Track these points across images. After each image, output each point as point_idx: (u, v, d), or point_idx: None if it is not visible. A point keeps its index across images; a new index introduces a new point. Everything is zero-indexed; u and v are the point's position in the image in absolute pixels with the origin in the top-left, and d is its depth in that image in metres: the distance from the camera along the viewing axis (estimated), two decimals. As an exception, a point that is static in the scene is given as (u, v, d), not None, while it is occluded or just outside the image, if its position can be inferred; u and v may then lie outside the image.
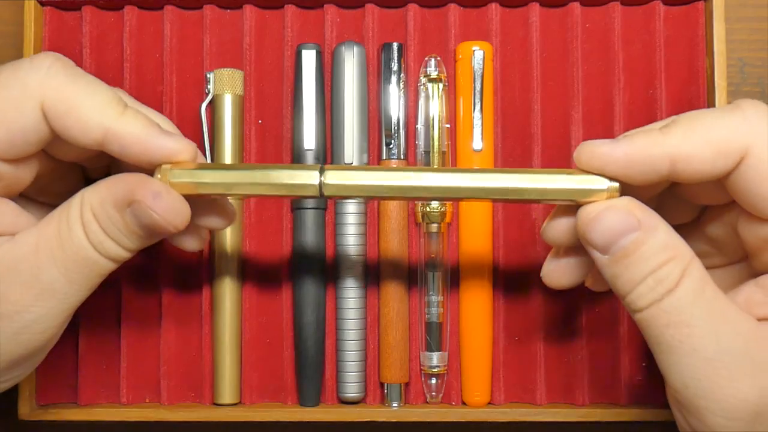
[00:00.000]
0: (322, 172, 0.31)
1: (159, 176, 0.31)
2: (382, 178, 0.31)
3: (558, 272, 0.33)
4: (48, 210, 0.31)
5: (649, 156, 0.28)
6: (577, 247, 0.31)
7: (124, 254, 0.31)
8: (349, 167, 0.31)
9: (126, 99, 0.32)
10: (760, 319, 0.29)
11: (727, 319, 0.28)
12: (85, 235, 0.30)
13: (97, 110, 0.29)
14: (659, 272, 0.28)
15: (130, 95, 0.34)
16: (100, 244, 0.30)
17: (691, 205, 0.33)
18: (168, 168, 0.31)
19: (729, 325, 0.27)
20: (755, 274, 0.30)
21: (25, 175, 0.31)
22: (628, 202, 0.29)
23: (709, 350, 0.27)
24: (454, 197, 0.31)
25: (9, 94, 0.29)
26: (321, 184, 0.30)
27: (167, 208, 0.30)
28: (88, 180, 0.35)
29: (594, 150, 0.29)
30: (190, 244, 0.34)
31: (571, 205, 0.30)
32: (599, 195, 0.29)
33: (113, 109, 0.30)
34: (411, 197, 0.31)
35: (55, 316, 0.30)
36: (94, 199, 0.30)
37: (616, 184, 0.29)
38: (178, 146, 0.30)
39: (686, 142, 0.28)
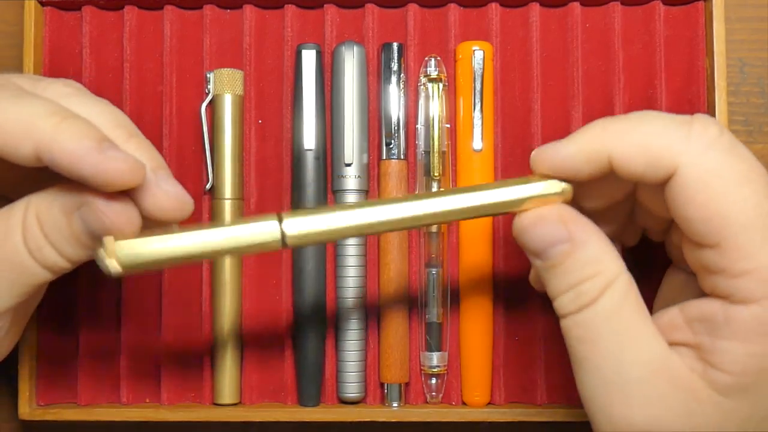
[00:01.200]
0: (280, 220, 0.29)
1: (103, 252, 0.28)
2: (342, 220, 0.29)
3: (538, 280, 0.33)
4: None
5: (589, 151, 0.29)
6: None
7: (63, 264, 0.29)
8: (308, 211, 0.29)
9: (79, 99, 0.30)
10: (674, 343, 0.29)
11: (634, 344, 0.28)
12: (23, 240, 0.29)
13: (24, 124, 0.27)
14: (581, 286, 0.28)
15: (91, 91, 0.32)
16: (38, 251, 0.29)
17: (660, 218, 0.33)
18: (110, 240, 0.28)
19: (634, 351, 0.28)
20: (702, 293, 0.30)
21: None
22: (563, 212, 0.29)
23: (609, 371, 0.28)
24: (417, 225, 0.30)
25: None
26: (283, 235, 0.29)
27: (119, 212, 0.28)
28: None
29: (542, 152, 0.30)
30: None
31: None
32: (553, 198, 0.30)
33: (45, 122, 0.27)
34: (375, 232, 0.30)
35: None
36: (42, 203, 0.29)
37: (567, 186, 0.30)
38: (117, 167, 0.27)
39: (622, 142, 0.28)
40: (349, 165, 0.40)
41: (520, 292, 0.41)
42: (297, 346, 0.40)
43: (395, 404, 0.40)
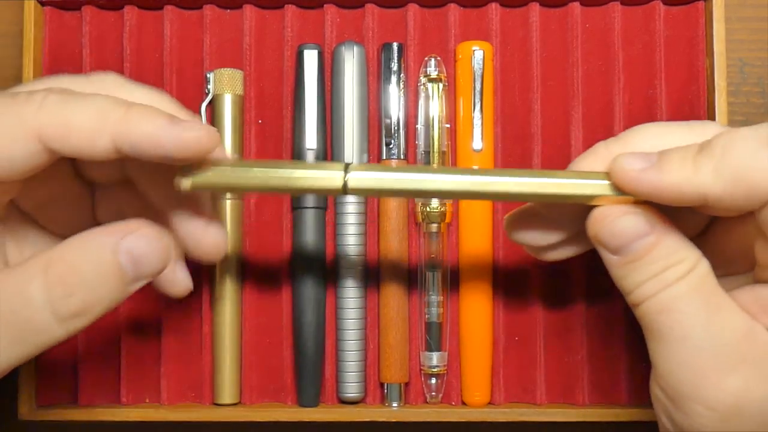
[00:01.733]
0: (346, 170, 0.30)
1: (180, 176, 0.30)
2: (408, 180, 0.30)
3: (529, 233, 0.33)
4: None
5: (680, 192, 0.28)
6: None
7: (88, 315, 0.28)
8: (375, 166, 0.30)
9: (131, 94, 0.31)
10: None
11: (721, 312, 0.28)
12: (44, 292, 0.27)
13: (96, 119, 0.28)
14: (664, 274, 0.28)
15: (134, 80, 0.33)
16: (63, 299, 0.28)
17: (701, 216, 0.32)
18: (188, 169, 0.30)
19: (722, 318, 0.28)
20: (755, 282, 0.30)
21: (14, 190, 0.30)
22: (641, 207, 0.29)
23: (699, 338, 0.28)
24: (475, 197, 0.31)
25: (2, 122, 0.28)
26: (345, 184, 0.30)
27: (162, 235, 0.29)
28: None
29: (628, 174, 0.28)
30: (174, 290, 0.34)
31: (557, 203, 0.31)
32: (625, 200, 0.29)
33: (114, 113, 0.28)
34: (433, 196, 0.31)
35: None
36: (71, 248, 0.28)
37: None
38: (196, 135, 0.28)
39: (718, 181, 0.27)
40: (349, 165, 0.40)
41: (520, 292, 0.41)
42: (297, 346, 0.40)
43: (395, 404, 0.40)
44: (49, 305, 0.27)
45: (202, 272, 0.41)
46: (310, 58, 0.41)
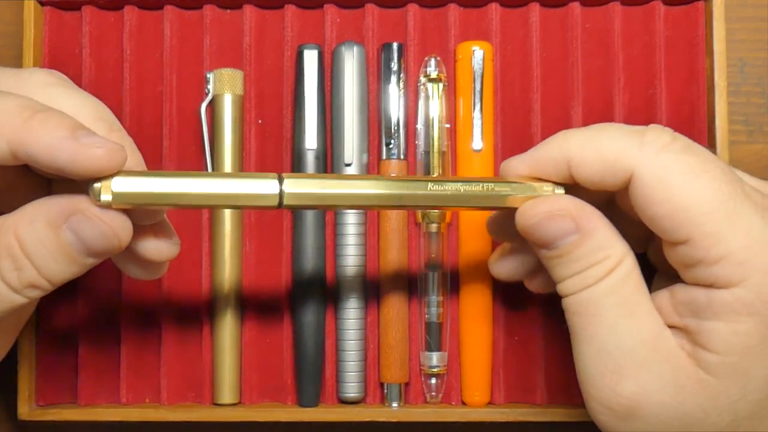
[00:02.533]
0: (281, 180, 0.29)
1: (98, 185, 0.27)
2: (340, 188, 0.30)
3: (503, 266, 0.36)
4: None
5: (551, 158, 0.31)
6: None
7: (42, 285, 0.28)
8: (309, 175, 0.30)
9: (51, 96, 0.29)
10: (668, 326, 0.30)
11: (631, 317, 0.29)
12: None
13: None
14: (587, 271, 0.30)
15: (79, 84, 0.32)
16: (14, 272, 0.27)
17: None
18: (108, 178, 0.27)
19: (631, 323, 0.29)
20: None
21: None
22: (569, 204, 0.30)
23: (604, 341, 0.29)
24: (414, 206, 0.31)
25: None
26: (281, 194, 0.29)
27: (113, 217, 0.28)
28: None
29: (509, 165, 0.32)
30: (138, 272, 0.32)
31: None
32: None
33: (16, 118, 0.27)
34: (371, 207, 0.31)
35: None
36: (20, 222, 0.27)
37: (561, 189, 0.32)
38: (94, 153, 0.27)
39: (581, 151, 0.30)
40: (349, 165, 0.40)
41: (520, 292, 0.41)
42: (297, 346, 0.40)
43: (395, 404, 0.40)
44: (1, 277, 0.27)
45: (202, 272, 0.41)
46: (310, 58, 0.41)
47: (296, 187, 0.29)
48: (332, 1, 0.42)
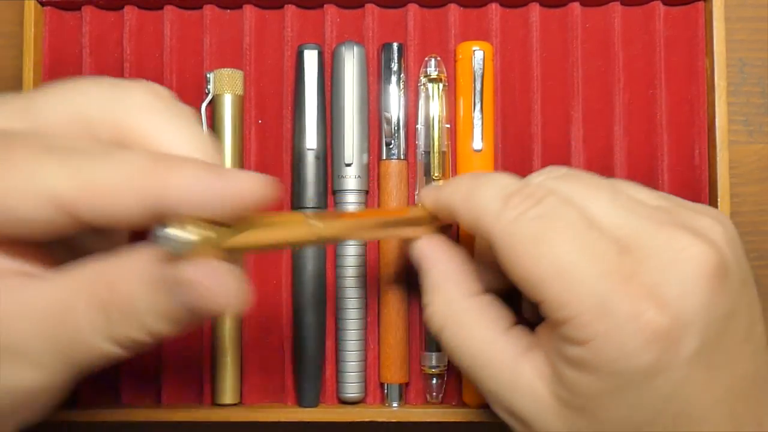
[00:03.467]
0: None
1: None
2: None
3: None
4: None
5: (443, 204, 0.33)
6: None
7: (147, 341, 0.25)
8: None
9: (162, 107, 0.26)
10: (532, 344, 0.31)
11: (487, 365, 0.32)
12: (91, 316, 0.24)
13: (129, 184, 0.23)
14: (426, 309, 0.34)
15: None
16: (111, 327, 0.24)
17: None
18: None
19: (488, 371, 0.31)
20: None
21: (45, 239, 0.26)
22: (426, 241, 0.35)
23: (478, 386, 0.33)
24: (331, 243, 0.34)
25: (14, 179, 0.23)
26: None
27: (228, 282, 0.24)
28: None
29: (420, 194, 0.36)
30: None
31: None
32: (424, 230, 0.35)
33: (152, 175, 0.23)
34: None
35: (24, 389, 0.25)
36: (119, 273, 0.24)
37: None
38: (242, 185, 0.24)
39: (460, 205, 0.32)
40: (349, 165, 0.40)
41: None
42: (297, 347, 0.40)
43: (395, 404, 0.40)
44: (99, 330, 0.25)
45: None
46: (310, 58, 0.41)
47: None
48: (332, 1, 0.42)
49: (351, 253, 0.40)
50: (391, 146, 0.41)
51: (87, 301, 0.24)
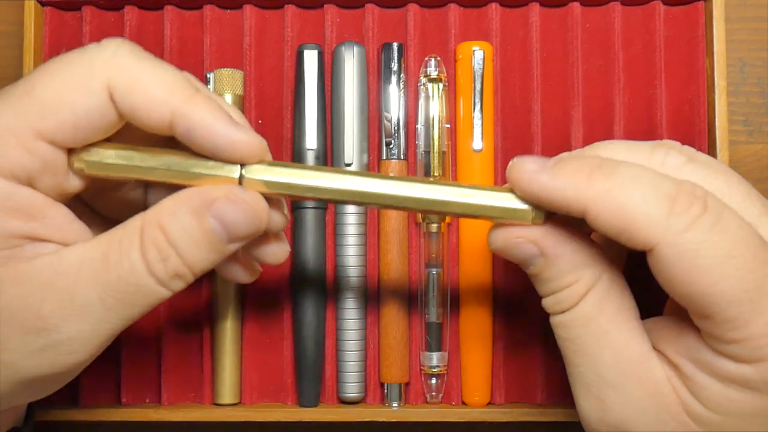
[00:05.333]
0: (242, 166, 0.29)
1: (73, 157, 0.29)
2: (304, 180, 0.30)
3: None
4: (108, 227, 0.30)
5: (567, 197, 0.28)
6: None
7: (188, 276, 0.29)
8: (274, 163, 0.30)
9: (198, 85, 0.31)
10: (660, 352, 0.29)
11: (611, 347, 0.29)
12: (142, 257, 0.28)
13: (165, 90, 0.28)
14: (559, 294, 0.30)
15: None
16: (160, 263, 0.28)
17: None
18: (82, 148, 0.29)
19: (612, 354, 0.29)
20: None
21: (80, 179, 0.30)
22: (529, 231, 0.29)
23: (588, 373, 0.29)
24: (379, 204, 0.30)
25: (75, 74, 0.28)
26: (241, 178, 0.29)
27: (257, 200, 0.29)
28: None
29: (521, 175, 0.29)
30: (243, 275, 0.33)
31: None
32: (522, 221, 0.30)
33: (182, 91, 0.28)
34: (337, 202, 0.31)
35: (86, 340, 0.28)
36: (163, 214, 0.28)
37: (539, 214, 0.29)
38: (246, 138, 0.28)
39: (601, 204, 0.27)
40: (349, 165, 0.40)
41: (520, 292, 0.41)
42: (297, 346, 0.40)
43: (395, 404, 0.40)
44: (149, 270, 0.28)
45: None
46: (310, 58, 0.41)
47: (258, 173, 0.29)
48: (332, 1, 0.42)
49: (351, 253, 0.40)
50: (391, 146, 0.41)
51: (138, 241, 0.28)
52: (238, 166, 0.29)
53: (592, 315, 0.29)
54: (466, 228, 0.40)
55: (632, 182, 0.27)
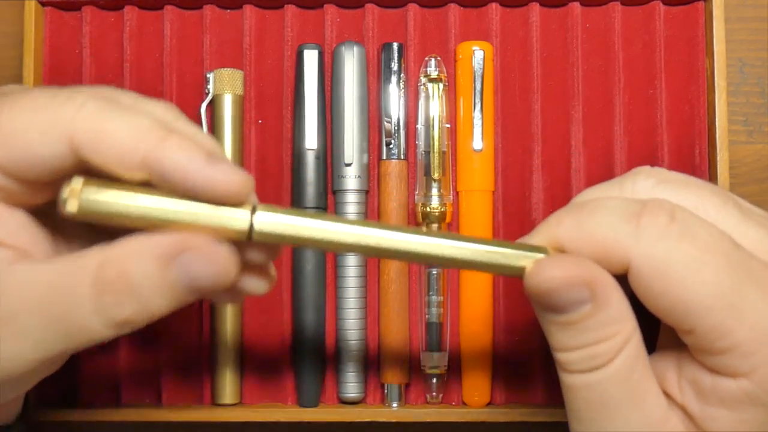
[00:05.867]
0: (253, 211, 0.27)
1: (67, 190, 0.26)
2: (314, 231, 0.27)
3: None
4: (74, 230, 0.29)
5: (548, 242, 0.28)
6: None
7: (139, 323, 0.27)
8: (284, 210, 0.27)
9: (177, 122, 0.29)
10: (667, 395, 0.28)
11: (642, 407, 0.27)
12: (92, 299, 0.26)
13: (134, 137, 0.27)
14: (597, 347, 0.27)
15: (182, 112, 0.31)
16: (113, 308, 0.26)
17: None
18: (79, 182, 0.26)
19: (640, 414, 0.27)
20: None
21: (35, 196, 0.29)
22: (586, 270, 0.27)
23: (609, 429, 0.27)
24: (388, 256, 0.29)
25: (37, 119, 0.27)
26: (251, 227, 0.27)
27: (227, 257, 0.27)
28: None
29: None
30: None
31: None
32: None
33: (153, 135, 0.27)
34: (348, 253, 0.29)
35: (24, 359, 0.27)
36: (125, 256, 0.26)
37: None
38: (225, 177, 0.26)
39: (573, 240, 0.27)
40: (349, 165, 0.40)
41: (520, 292, 0.41)
42: (297, 346, 0.40)
43: (395, 404, 0.40)
44: (98, 311, 0.26)
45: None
46: (310, 58, 0.41)
47: (269, 222, 0.27)
48: (332, 1, 0.42)
49: (351, 253, 0.40)
50: (391, 146, 0.41)
51: (91, 281, 0.26)
52: (248, 214, 0.27)
53: (628, 374, 0.27)
54: (466, 228, 0.40)
55: (598, 209, 0.27)
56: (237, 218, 0.27)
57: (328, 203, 0.41)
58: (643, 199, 0.28)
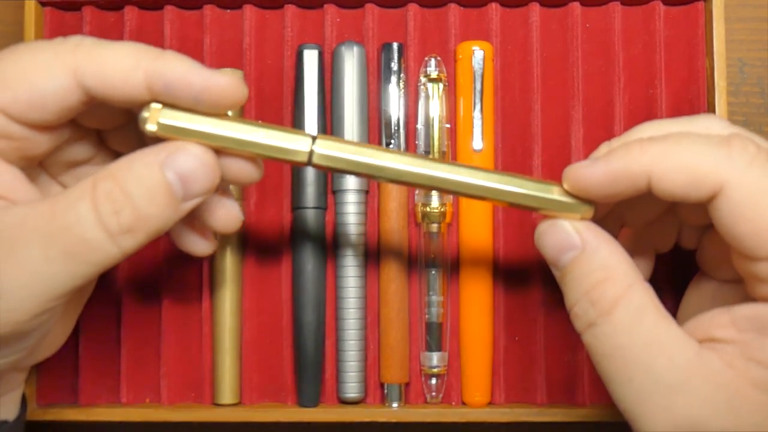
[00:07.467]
0: (314, 140, 0.30)
1: (146, 114, 0.29)
2: (370, 159, 0.30)
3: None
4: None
5: (627, 172, 0.28)
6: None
7: (140, 233, 0.28)
8: (343, 140, 0.31)
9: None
10: (713, 340, 0.29)
11: (664, 351, 0.28)
12: (92, 209, 0.27)
13: (133, 56, 0.29)
14: (592, 293, 0.29)
15: None
16: (112, 216, 0.27)
17: (671, 226, 0.34)
18: (158, 107, 0.29)
19: (666, 358, 0.28)
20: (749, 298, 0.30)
21: (44, 144, 0.30)
22: (574, 224, 0.30)
23: (644, 383, 0.28)
24: (438, 188, 0.31)
25: (39, 57, 0.29)
26: (311, 153, 0.30)
27: (211, 156, 0.29)
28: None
29: (577, 173, 0.29)
30: (199, 245, 0.34)
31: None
32: (571, 215, 0.30)
33: (150, 53, 0.29)
34: (398, 183, 0.31)
35: (26, 295, 0.27)
36: (119, 166, 0.28)
37: (589, 207, 0.30)
38: (224, 80, 0.29)
39: (663, 163, 0.28)
40: (349, 165, 0.40)
41: (520, 292, 0.41)
42: (297, 346, 0.40)
43: (395, 404, 0.40)
44: (99, 221, 0.27)
45: (202, 272, 0.41)
46: (310, 58, 0.41)
47: (328, 148, 0.30)
48: (332, 1, 0.42)
49: (351, 253, 0.40)
50: (391, 146, 0.41)
51: (90, 193, 0.28)
52: (310, 141, 0.30)
53: (633, 322, 0.28)
54: (466, 228, 0.40)
55: (685, 138, 0.28)
56: (301, 141, 0.30)
57: (328, 203, 0.41)
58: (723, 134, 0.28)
